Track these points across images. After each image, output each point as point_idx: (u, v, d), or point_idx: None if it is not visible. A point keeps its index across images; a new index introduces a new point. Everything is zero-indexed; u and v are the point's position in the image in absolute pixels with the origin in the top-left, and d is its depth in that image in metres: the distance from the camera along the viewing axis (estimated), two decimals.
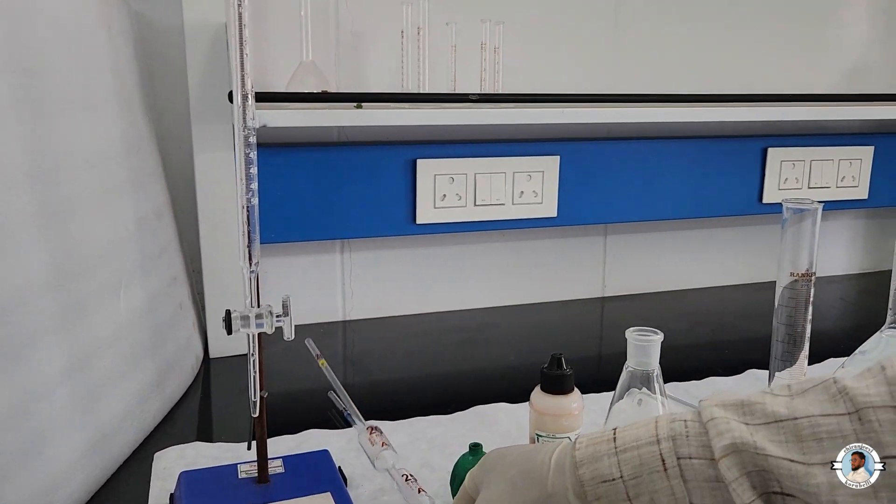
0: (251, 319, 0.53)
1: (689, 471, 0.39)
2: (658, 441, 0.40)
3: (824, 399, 0.37)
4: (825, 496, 0.35)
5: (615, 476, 0.40)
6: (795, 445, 0.37)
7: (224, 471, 0.65)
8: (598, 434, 0.43)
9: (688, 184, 1.21)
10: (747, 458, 0.37)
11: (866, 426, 0.35)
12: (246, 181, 0.50)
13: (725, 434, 0.38)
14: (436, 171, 1.06)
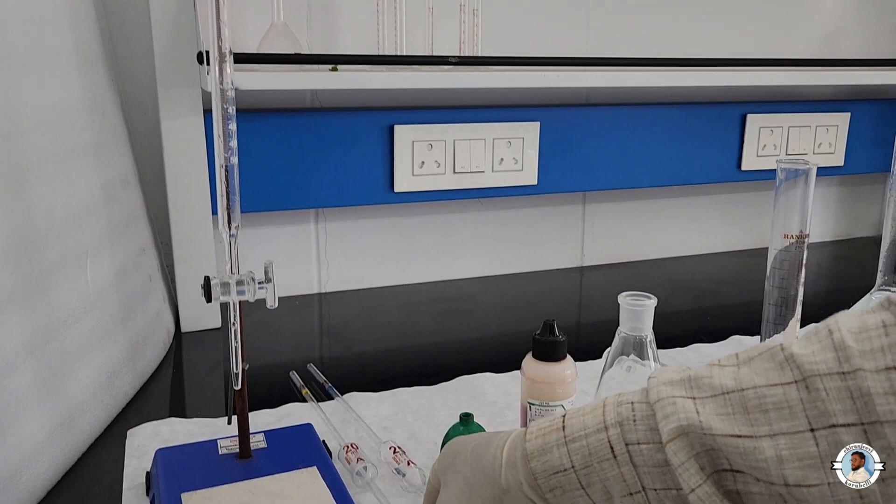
0: (231, 286, 0.50)
1: (639, 456, 0.38)
2: (606, 428, 0.39)
3: (770, 367, 0.36)
4: (774, 470, 0.34)
5: (566, 466, 0.39)
6: (743, 417, 0.35)
7: (203, 447, 0.62)
8: (547, 423, 0.42)
9: (667, 151, 1.20)
10: (695, 440, 0.36)
11: (813, 395, 0.34)
12: (224, 138, 0.46)
13: (672, 416, 0.37)
14: (414, 138, 1.02)
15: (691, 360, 0.87)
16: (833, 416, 0.33)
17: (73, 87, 0.71)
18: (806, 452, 0.34)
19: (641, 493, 0.38)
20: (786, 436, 0.34)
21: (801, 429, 0.34)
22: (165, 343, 0.89)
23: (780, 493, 0.35)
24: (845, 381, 0.33)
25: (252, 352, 0.93)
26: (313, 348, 0.95)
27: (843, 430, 0.33)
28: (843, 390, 0.33)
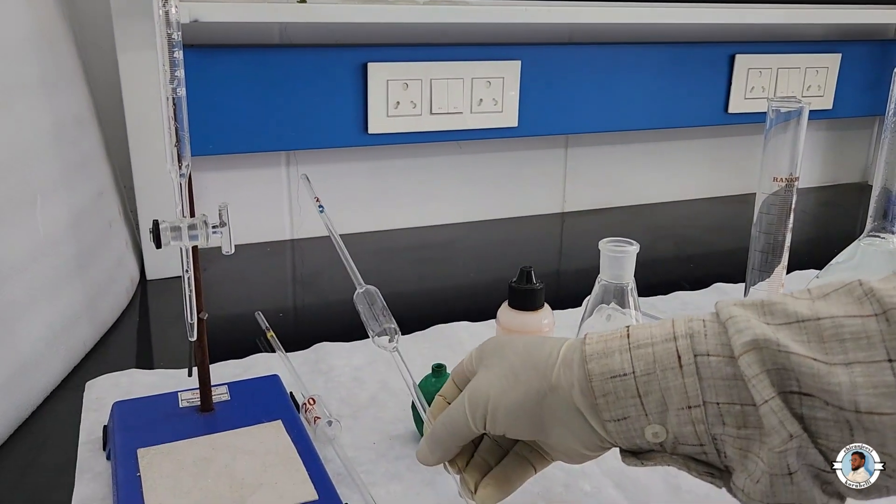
0: (183, 231, 0.46)
1: (706, 368, 0.37)
2: (675, 338, 0.38)
3: (849, 301, 0.35)
4: (846, 395, 0.34)
5: (626, 371, 0.39)
6: (818, 345, 0.35)
7: (163, 399, 0.60)
8: (608, 332, 0.41)
9: (652, 92, 1.15)
10: (768, 356, 0.35)
11: (893, 327, 0.33)
12: (170, 67, 0.42)
13: (746, 331, 0.36)
14: (388, 77, 0.98)
15: (673, 307, 0.85)
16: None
17: (15, 19, 0.66)
18: (882, 381, 0.33)
19: (701, 407, 0.37)
20: (862, 364, 0.34)
21: (878, 358, 0.34)
22: (129, 291, 0.85)
23: (847, 419, 0.34)
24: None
25: (220, 300, 0.91)
26: (285, 297, 0.92)
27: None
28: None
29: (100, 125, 0.87)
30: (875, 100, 1.33)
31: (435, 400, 0.49)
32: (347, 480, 0.53)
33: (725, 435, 0.37)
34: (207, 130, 0.94)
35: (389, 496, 0.52)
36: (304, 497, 0.48)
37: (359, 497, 0.51)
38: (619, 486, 0.53)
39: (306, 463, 0.51)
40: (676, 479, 0.54)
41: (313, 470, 0.51)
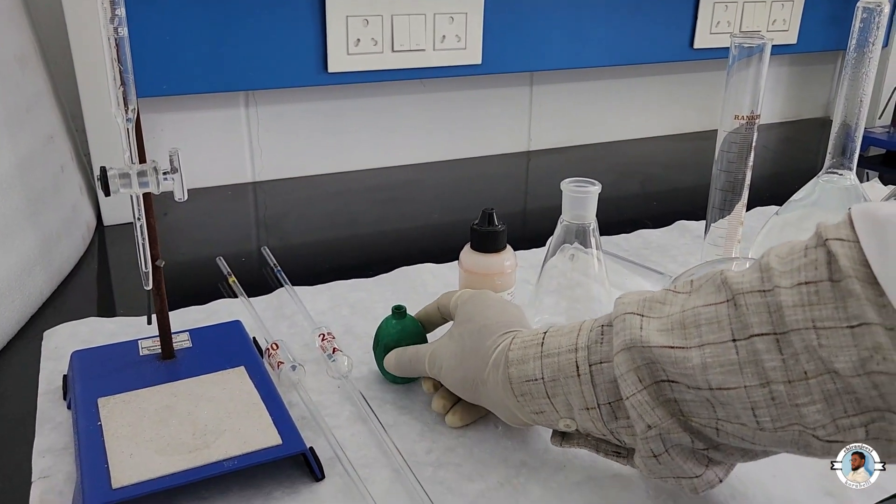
0: (133, 178, 0.45)
1: (599, 375, 0.43)
2: (576, 350, 0.44)
3: (711, 291, 0.40)
4: (700, 375, 0.39)
5: (537, 377, 0.45)
6: (680, 332, 0.40)
7: (123, 347, 0.59)
8: (531, 336, 0.47)
9: (618, 27, 1.14)
10: (636, 354, 0.41)
11: (738, 310, 0.38)
12: (110, 6, 0.40)
13: (621, 333, 0.42)
14: (348, 12, 0.95)
15: (635, 245, 0.85)
16: (751, 328, 0.37)
17: None
18: (727, 360, 0.38)
19: (597, 409, 0.43)
20: (712, 345, 0.38)
21: (725, 339, 0.38)
22: (85, 238, 0.83)
23: (706, 397, 0.39)
24: (765, 297, 0.37)
25: (181, 245, 0.89)
26: (248, 241, 0.90)
27: (758, 339, 0.37)
28: (762, 305, 0.37)
29: (46, 66, 0.84)
30: (839, 34, 1.33)
31: (421, 312, 0.59)
32: (312, 424, 0.53)
33: (619, 427, 0.43)
34: (162, 70, 0.91)
35: (354, 438, 0.52)
36: (268, 442, 0.48)
37: (323, 440, 0.51)
38: None
39: (269, 408, 0.51)
40: None
41: (277, 415, 0.51)
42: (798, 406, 0.36)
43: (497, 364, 0.48)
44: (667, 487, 0.48)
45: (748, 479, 0.49)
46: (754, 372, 0.37)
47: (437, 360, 0.52)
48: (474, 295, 0.54)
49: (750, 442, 0.40)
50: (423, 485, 0.47)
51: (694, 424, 0.40)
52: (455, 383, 0.51)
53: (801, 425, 0.37)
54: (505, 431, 0.53)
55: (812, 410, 0.36)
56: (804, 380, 0.36)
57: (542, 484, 0.48)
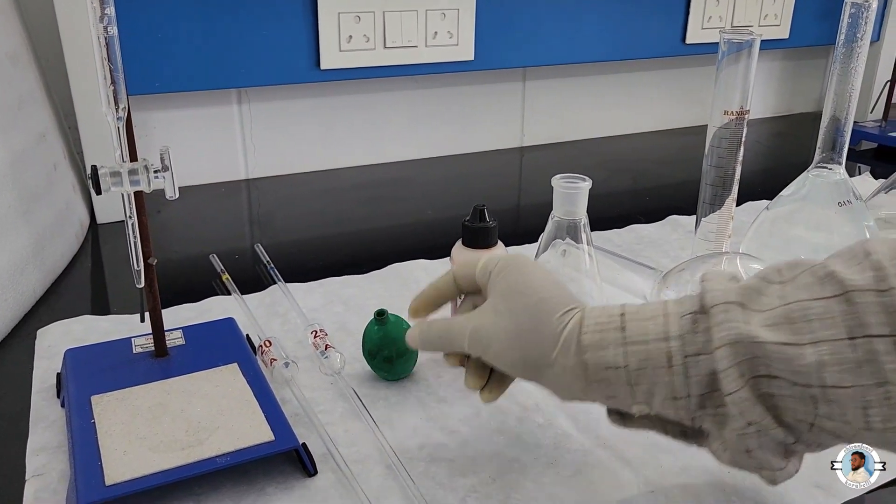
0: (124, 176, 0.45)
1: (694, 367, 0.40)
2: (668, 339, 0.41)
3: (812, 282, 0.39)
4: (815, 373, 0.37)
5: (620, 365, 0.42)
6: (788, 327, 0.38)
7: (116, 345, 0.59)
8: (605, 318, 0.43)
9: (610, 22, 1.14)
10: (740, 349, 0.39)
11: (852, 307, 0.37)
12: (99, 5, 0.40)
13: (724, 325, 0.39)
14: (339, 9, 0.95)
15: (627, 240, 0.86)
16: (870, 328, 0.36)
17: None
18: (844, 358, 0.37)
19: (685, 399, 0.41)
20: (827, 343, 0.37)
21: (841, 336, 0.37)
22: (79, 236, 0.83)
23: (813, 394, 0.38)
24: (881, 297, 0.36)
25: (175, 243, 0.89)
26: (241, 238, 0.90)
27: (877, 339, 0.36)
28: (879, 305, 0.36)
29: (38, 64, 0.84)
30: (831, 29, 1.33)
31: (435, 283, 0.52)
32: (305, 420, 0.54)
33: (705, 415, 0.41)
34: (154, 68, 0.91)
35: (347, 434, 0.53)
36: (261, 438, 0.48)
37: (316, 436, 0.52)
38: (571, 417, 0.55)
39: (262, 405, 0.52)
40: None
41: (269, 411, 0.51)
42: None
43: (567, 346, 0.43)
44: (655, 479, 0.48)
45: (739, 471, 0.49)
46: (872, 371, 0.36)
47: (483, 338, 0.46)
48: (512, 264, 0.48)
49: (847, 439, 0.39)
50: (416, 480, 0.48)
51: (787, 420, 0.39)
52: (511, 364, 0.45)
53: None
54: (498, 427, 0.54)
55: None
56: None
57: (533, 479, 0.49)
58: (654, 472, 0.49)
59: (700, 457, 0.50)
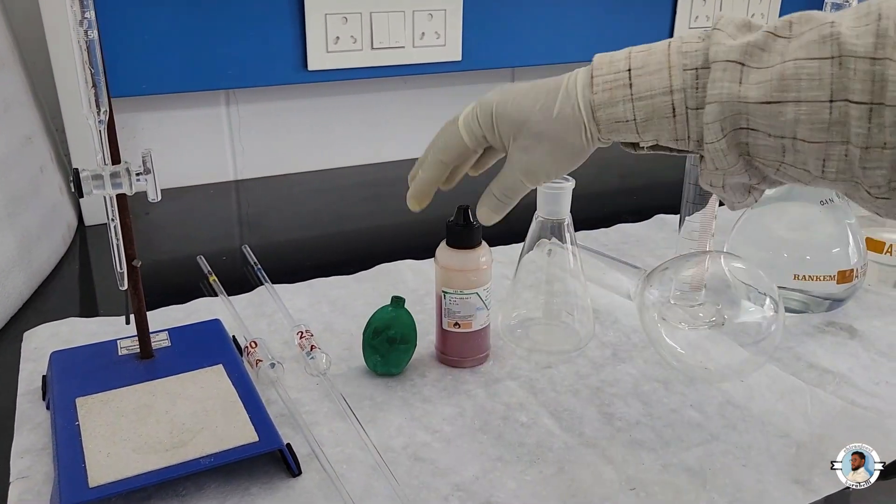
0: (106, 179, 0.45)
1: (694, 119, 0.44)
2: (671, 92, 0.44)
3: (814, 41, 0.40)
4: (789, 128, 0.41)
5: (629, 118, 0.45)
6: (778, 85, 0.40)
7: (102, 347, 0.59)
8: (612, 76, 0.46)
9: (597, 22, 1.14)
10: (727, 108, 0.42)
11: (843, 72, 0.38)
12: (79, 8, 0.40)
13: (718, 83, 0.42)
14: (326, 10, 0.95)
15: (614, 239, 0.86)
16: (852, 94, 0.38)
17: None
18: (819, 118, 0.39)
19: (686, 140, 0.45)
20: (808, 103, 0.40)
21: (822, 98, 0.39)
22: (66, 238, 0.83)
23: (784, 144, 0.41)
24: (873, 65, 0.38)
25: (163, 244, 0.89)
26: (230, 239, 0.91)
27: (854, 105, 0.38)
28: (868, 73, 0.38)
29: (24, 67, 0.84)
30: None
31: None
32: (290, 421, 0.54)
33: (700, 149, 0.45)
34: (141, 70, 0.91)
35: (332, 434, 0.53)
36: (245, 439, 0.48)
37: (301, 437, 0.52)
38: (555, 415, 0.55)
39: (247, 405, 0.52)
40: (610, 408, 0.56)
41: (254, 412, 0.51)
42: (865, 168, 0.39)
43: (569, 93, 0.47)
44: (637, 476, 0.49)
45: (719, 468, 0.50)
46: (839, 132, 0.39)
47: (529, 167, 0.49)
48: (502, 100, 0.50)
49: (804, 183, 0.43)
50: (399, 479, 0.48)
51: (757, 163, 0.44)
52: (521, 120, 0.49)
53: (860, 181, 0.40)
54: (481, 426, 0.54)
55: (876, 174, 0.39)
56: (880, 148, 0.38)
57: (516, 477, 0.49)
58: (636, 469, 0.50)
59: (680, 455, 0.51)
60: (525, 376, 0.60)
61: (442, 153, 0.53)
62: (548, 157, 0.48)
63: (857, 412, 0.55)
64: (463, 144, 0.52)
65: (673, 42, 0.45)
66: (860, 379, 0.60)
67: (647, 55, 0.45)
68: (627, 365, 0.62)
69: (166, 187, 1.02)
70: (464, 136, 0.52)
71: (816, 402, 0.56)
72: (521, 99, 0.49)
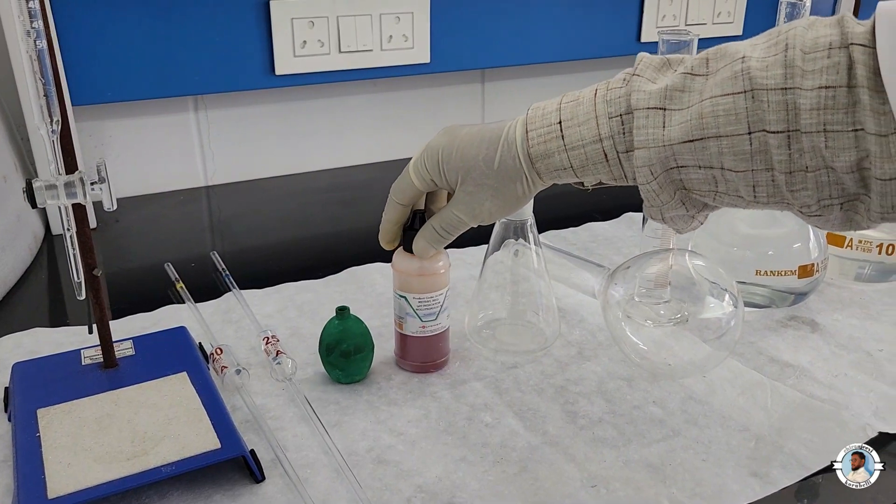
0: (60, 189, 0.45)
1: (626, 161, 0.46)
2: (601, 140, 0.47)
3: (728, 78, 0.42)
4: (716, 160, 0.43)
5: (566, 166, 0.48)
6: (698, 122, 0.42)
7: (65, 358, 0.59)
8: (545, 129, 0.49)
9: (566, 22, 1.15)
10: (654, 153, 0.44)
11: (756, 104, 0.40)
12: (28, 18, 0.40)
13: (643, 130, 0.45)
14: (292, 15, 0.95)
15: (583, 238, 0.87)
16: (768, 125, 0.40)
17: None
18: (741, 150, 0.42)
19: (623, 179, 0.48)
20: (728, 137, 0.42)
21: (741, 132, 0.41)
22: (32, 248, 0.83)
23: (713, 175, 0.44)
24: (785, 95, 0.39)
25: (131, 252, 0.89)
26: (201, 245, 0.90)
27: (771, 136, 0.40)
28: (782, 104, 0.39)
29: None
30: None
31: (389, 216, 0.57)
32: (255, 427, 0.54)
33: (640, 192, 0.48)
34: (106, 77, 0.91)
35: (296, 439, 0.53)
36: (207, 446, 0.48)
37: (266, 443, 0.52)
38: (519, 415, 0.56)
39: (210, 413, 0.52)
40: (573, 406, 0.57)
41: (217, 419, 0.51)
42: (793, 191, 0.41)
43: (509, 142, 0.50)
44: (598, 473, 0.49)
45: (679, 463, 0.50)
46: (762, 160, 0.41)
47: (473, 210, 0.52)
48: (447, 148, 0.53)
49: (741, 207, 0.45)
50: (362, 482, 0.48)
51: (694, 196, 0.46)
52: (466, 168, 0.51)
53: (791, 203, 0.42)
54: (446, 428, 0.54)
55: (804, 195, 0.41)
56: (803, 171, 0.40)
57: (478, 477, 0.49)
58: (598, 466, 0.50)
59: (642, 451, 0.52)
60: (491, 377, 0.60)
61: (397, 196, 0.56)
62: (491, 201, 0.52)
63: (815, 404, 0.56)
64: (414, 188, 0.55)
65: (599, 89, 0.48)
66: (820, 372, 0.60)
67: (576, 105, 0.48)
68: (592, 363, 0.62)
69: (136, 194, 1.02)
70: (414, 181, 0.54)
71: (776, 396, 0.57)
72: (464, 148, 0.52)
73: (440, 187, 0.54)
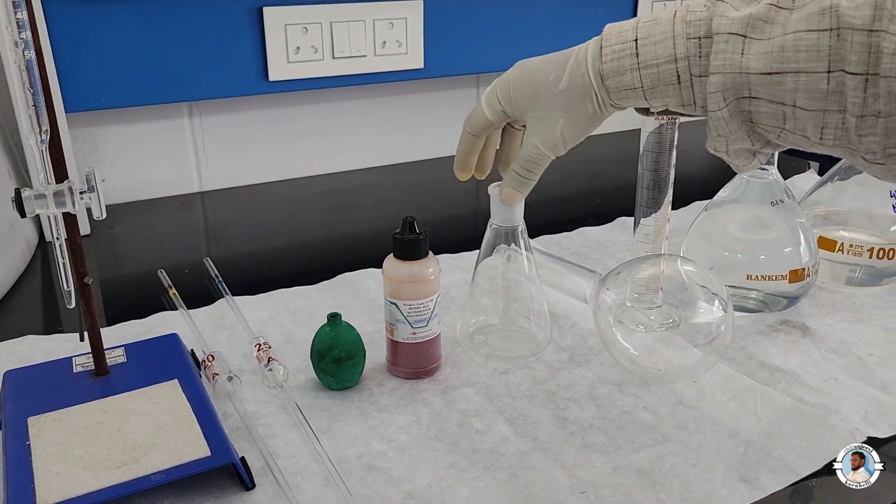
0: (49, 198, 0.45)
1: (698, 85, 0.46)
2: (676, 60, 0.46)
3: (814, 13, 0.41)
4: (788, 97, 0.43)
5: (636, 86, 0.48)
6: (779, 56, 0.42)
7: (56, 365, 0.59)
8: (620, 46, 0.49)
9: (558, 26, 1.15)
10: (729, 79, 0.44)
11: (841, 43, 0.40)
12: (16, 28, 0.40)
13: (721, 55, 0.45)
14: (286, 21, 0.95)
15: (576, 243, 0.87)
16: (848, 65, 0.40)
17: None
18: (817, 88, 0.41)
19: (692, 105, 0.48)
20: (806, 74, 0.42)
21: (820, 70, 0.41)
22: (25, 256, 0.83)
23: (784, 111, 0.44)
24: (870, 37, 0.39)
25: (125, 259, 0.89)
26: (195, 251, 0.90)
27: (850, 76, 0.40)
28: (864, 45, 0.39)
29: None
30: None
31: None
32: (246, 434, 0.54)
33: (706, 116, 0.48)
34: (101, 84, 0.91)
35: (286, 446, 0.53)
36: (197, 454, 0.48)
37: (256, 449, 0.52)
38: (510, 421, 0.56)
39: (201, 420, 0.52)
40: (564, 412, 0.57)
41: (207, 426, 0.51)
42: (861, 136, 0.41)
43: (579, 63, 0.50)
44: (588, 479, 0.49)
45: (669, 469, 0.50)
46: (836, 101, 0.41)
47: (546, 135, 0.53)
48: (516, 79, 0.54)
49: (803, 148, 0.45)
50: (352, 489, 0.48)
51: (759, 130, 0.46)
52: (535, 92, 0.52)
53: (856, 148, 0.42)
54: (436, 434, 0.54)
55: (871, 141, 0.41)
56: (875, 116, 0.40)
57: (469, 484, 0.49)
58: (587, 472, 0.50)
59: (631, 457, 0.52)
60: (482, 383, 0.61)
61: (469, 125, 0.58)
62: (563, 122, 0.51)
63: (805, 409, 0.56)
64: (485, 117, 0.56)
65: (679, 11, 0.47)
66: (810, 376, 0.61)
67: (654, 24, 0.48)
68: (583, 368, 0.62)
69: (130, 200, 1.02)
70: (485, 110, 0.56)
71: (766, 401, 0.57)
72: (534, 72, 0.53)
73: (511, 116, 0.55)
